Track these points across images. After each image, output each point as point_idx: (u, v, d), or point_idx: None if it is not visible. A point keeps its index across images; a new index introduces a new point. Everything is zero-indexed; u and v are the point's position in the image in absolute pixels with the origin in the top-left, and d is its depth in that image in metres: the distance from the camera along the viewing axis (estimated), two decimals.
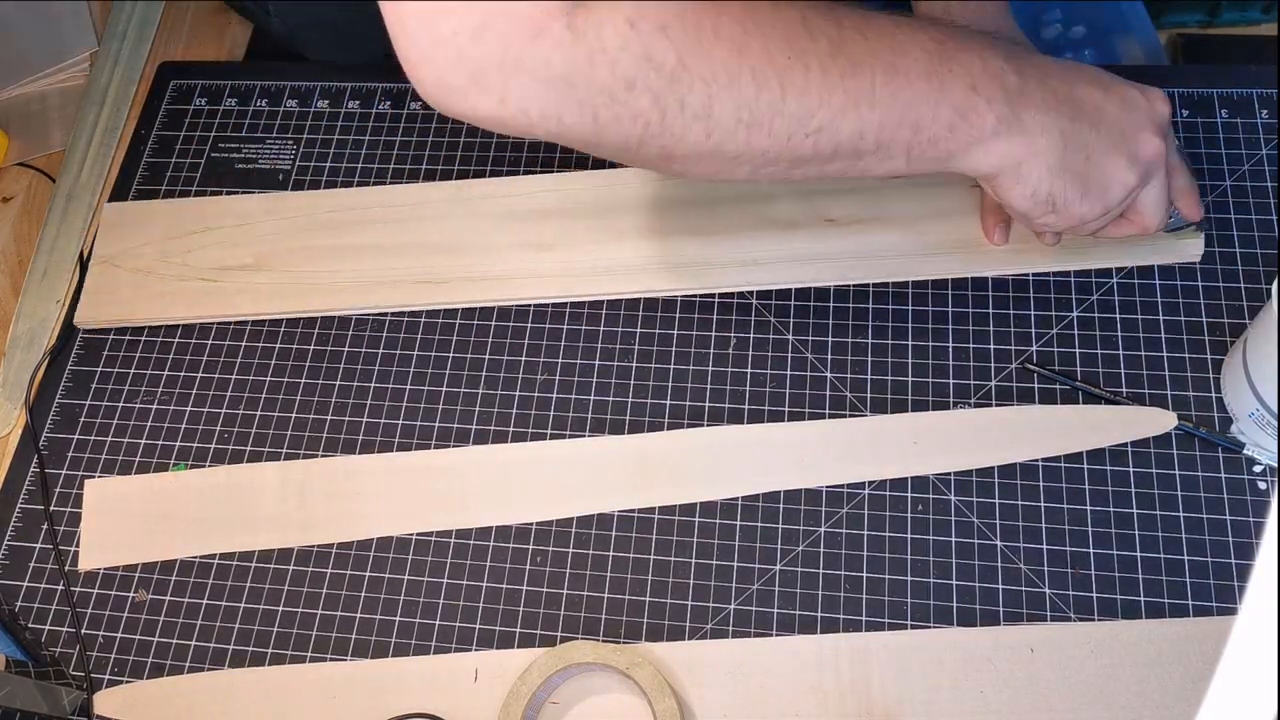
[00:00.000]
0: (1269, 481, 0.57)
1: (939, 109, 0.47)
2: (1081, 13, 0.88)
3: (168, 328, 0.69)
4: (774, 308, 0.64)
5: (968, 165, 0.50)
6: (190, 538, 0.62)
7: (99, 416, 0.67)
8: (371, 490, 0.62)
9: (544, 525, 0.60)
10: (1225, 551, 0.55)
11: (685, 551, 0.59)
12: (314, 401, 0.65)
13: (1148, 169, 0.53)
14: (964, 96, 0.48)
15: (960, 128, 0.48)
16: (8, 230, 0.77)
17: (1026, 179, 0.50)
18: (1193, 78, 0.68)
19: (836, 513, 0.58)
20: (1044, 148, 0.50)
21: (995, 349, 0.62)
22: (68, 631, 0.60)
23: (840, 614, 0.56)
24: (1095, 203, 0.52)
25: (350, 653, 0.58)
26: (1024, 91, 0.49)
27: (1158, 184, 0.54)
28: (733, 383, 0.63)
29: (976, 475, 0.58)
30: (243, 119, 0.77)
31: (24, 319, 0.72)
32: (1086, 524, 0.57)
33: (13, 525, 0.64)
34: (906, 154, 0.49)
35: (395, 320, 0.67)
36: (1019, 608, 0.55)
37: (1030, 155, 0.50)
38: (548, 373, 0.64)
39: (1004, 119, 0.48)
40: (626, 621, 0.57)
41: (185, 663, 0.59)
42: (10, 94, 0.83)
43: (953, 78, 0.48)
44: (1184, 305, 0.61)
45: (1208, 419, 0.58)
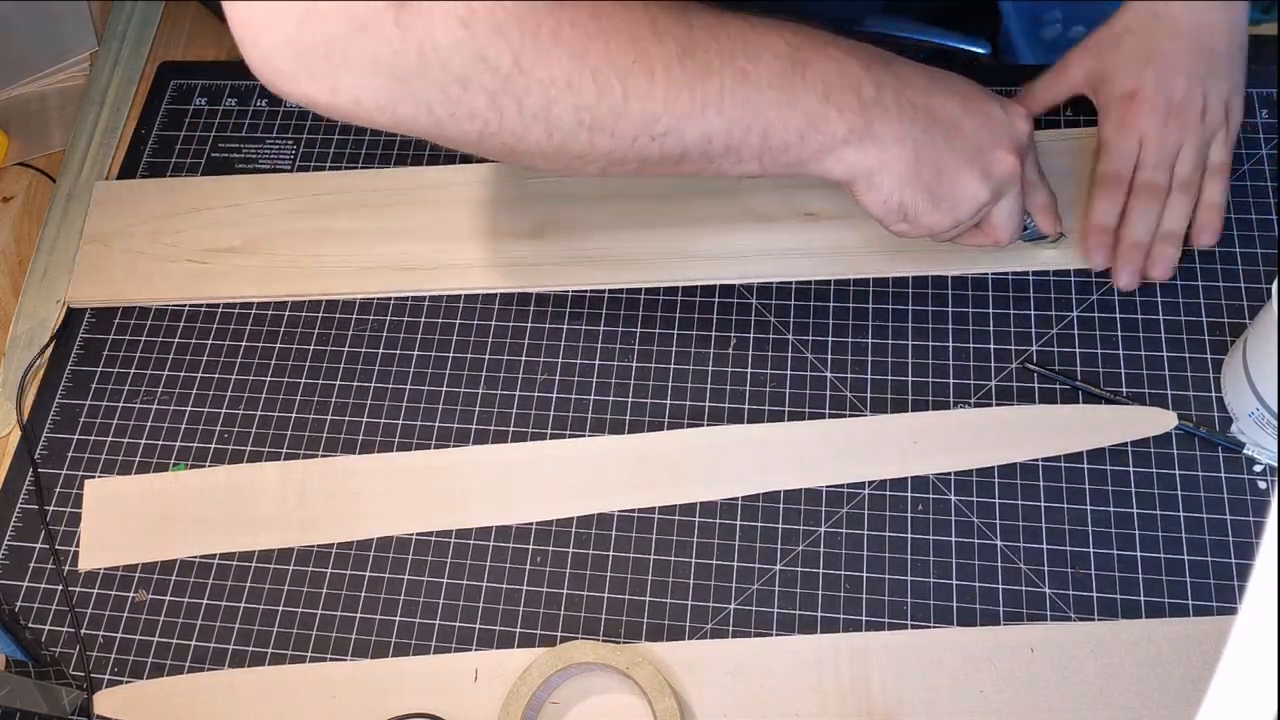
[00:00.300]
0: (1269, 481, 0.57)
1: (790, 116, 0.47)
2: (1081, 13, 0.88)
3: (168, 327, 0.69)
4: (774, 308, 0.64)
5: (821, 171, 0.50)
6: (190, 538, 0.62)
7: (99, 416, 0.67)
8: (371, 490, 0.62)
9: (544, 525, 0.60)
10: (1225, 551, 0.55)
11: (685, 551, 0.59)
12: (314, 401, 0.65)
13: (1000, 185, 0.53)
14: (816, 104, 0.48)
15: (811, 135, 0.48)
16: (8, 230, 0.77)
17: (879, 188, 0.51)
18: None
19: (836, 513, 0.58)
20: (895, 158, 0.50)
21: (995, 349, 0.62)
22: (68, 631, 0.60)
23: (840, 614, 0.56)
24: (946, 215, 0.52)
25: (350, 653, 0.58)
26: (879, 101, 0.49)
27: (1011, 200, 0.55)
28: (733, 383, 0.63)
29: (976, 475, 0.58)
30: (243, 119, 0.77)
31: (24, 319, 0.72)
32: (1086, 524, 0.57)
33: (12, 525, 0.64)
34: (758, 159, 0.49)
35: (395, 320, 0.67)
36: (1019, 608, 0.55)
37: (881, 165, 0.50)
38: (548, 373, 0.64)
39: (855, 128, 0.49)
40: (626, 621, 0.57)
41: (185, 663, 0.59)
42: (10, 94, 0.83)
43: (806, 85, 0.48)
44: (1184, 305, 0.61)
45: (1208, 419, 0.58)
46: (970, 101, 0.52)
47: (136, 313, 0.70)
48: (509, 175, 0.69)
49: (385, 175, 0.71)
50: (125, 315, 0.70)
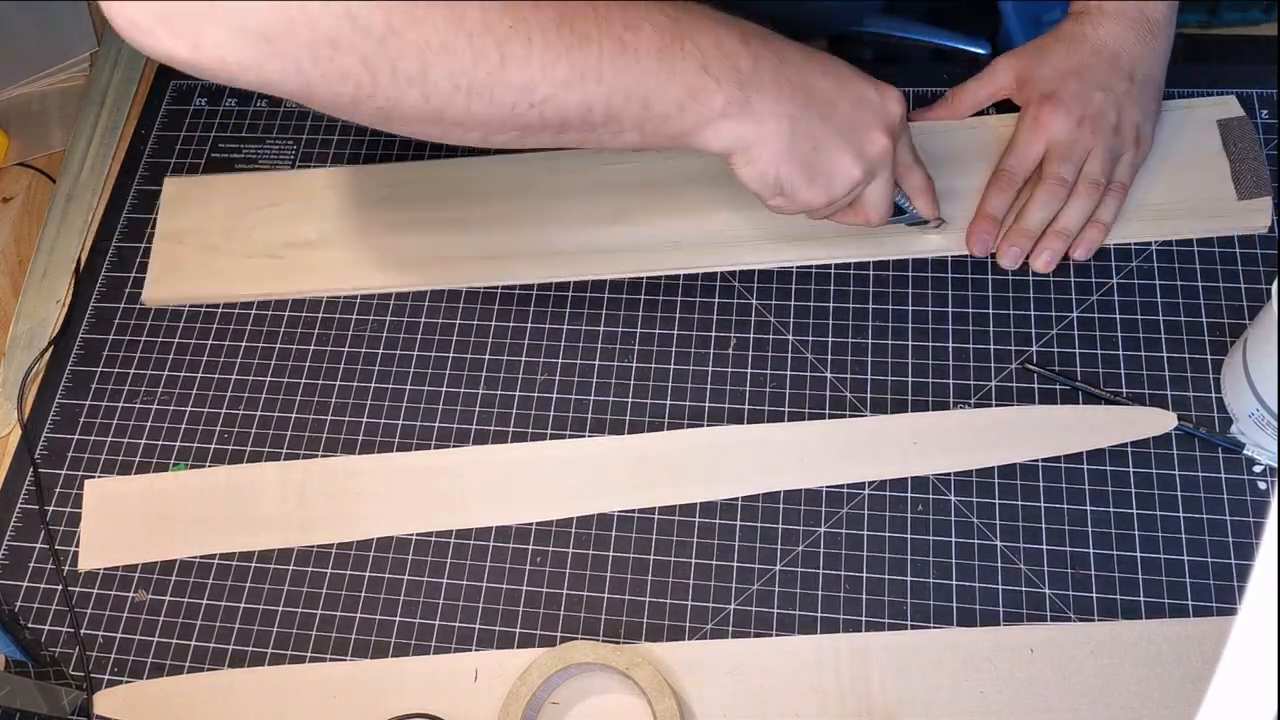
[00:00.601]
0: (1269, 481, 0.57)
1: (669, 87, 0.48)
2: None
3: (168, 327, 0.69)
4: (774, 308, 0.64)
5: (700, 143, 0.51)
6: (190, 538, 0.62)
7: (99, 416, 0.67)
8: (371, 490, 0.62)
9: (544, 525, 0.60)
10: (1225, 551, 0.55)
11: (685, 551, 0.59)
12: (314, 401, 0.65)
13: (873, 165, 0.54)
14: (695, 76, 0.48)
15: (690, 107, 0.49)
16: (8, 230, 0.77)
17: (755, 161, 0.51)
18: (1193, 78, 0.68)
19: (836, 513, 0.58)
20: (772, 133, 0.51)
21: (995, 349, 0.62)
22: (68, 631, 0.60)
23: (840, 614, 0.56)
24: (821, 191, 0.53)
25: (350, 653, 0.58)
26: (756, 76, 0.50)
27: (883, 180, 0.56)
28: (733, 383, 0.63)
29: (976, 475, 0.58)
30: (243, 119, 0.76)
31: (24, 319, 0.72)
32: (1086, 524, 0.57)
33: (12, 525, 0.64)
34: (639, 129, 0.49)
35: (395, 320, 0.67)
36: (1019, 608, 0.55)
37: (759, 139, 0.51)
38: (548, 373, 0.64)
39: (734, 101, 0.49)
40: (626, 621, 0.57)
41: (185, 663, 0.59)
42: (10, 94, 0.83)
43: (685, 57, 0.48)
44: (1184, 305, 0.61)
45: (1208, 419, 0.58)
46: (845, 82, 0.53)
47: (136, 313, 0.70)
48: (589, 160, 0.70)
49: (451, 165, 0.71)
50: (125, 315, 0.70)
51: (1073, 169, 0.61)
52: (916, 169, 0.60)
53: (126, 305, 0.70)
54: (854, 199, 0.56)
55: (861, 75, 0.54)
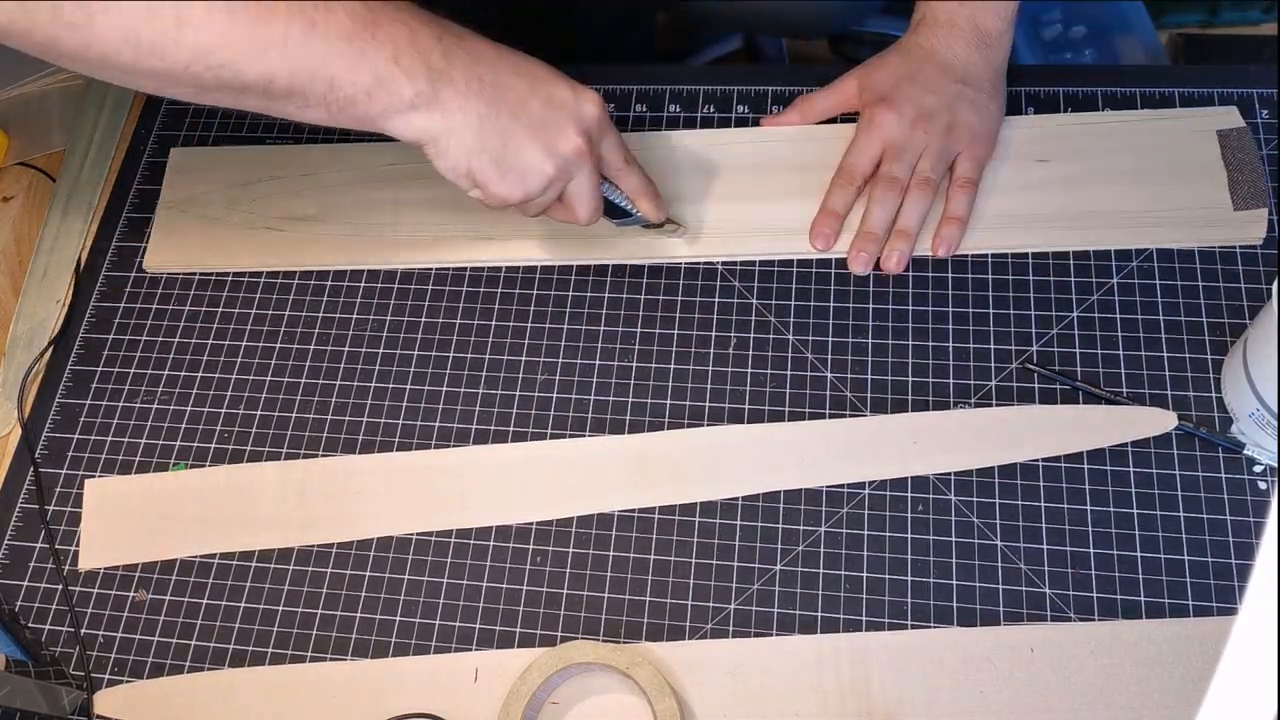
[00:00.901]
0: (1269, 481, 0.57)
1: (357, 72, 0.50)
2: (1082, 12, 0.88)
3: (168, 327, 0.69)
4: (774, 308, 0.64)
5: (391, 130, 0.52)
6: (190, 538, 0.62)
7: (99, 416, 0.67)
8: (371, 490, 0.62)
9: (544, 525, 0.60)
10: (1225, 551, 0.55)
11: (685, 551, 0.59)
12: (314, 401, 0.65)
13: (567, 163, 0.56)
14: (384, 65, 0.50)
15: (378, 94, 0.50)
16: (8, 230, 0.77)
17: (445, 154, 0.54)
18: (1193, 78, 0.68)
19: (836, 513, 0.58)
20: (460, 126, 0.53)
21: (995, 349, 0.62)
22: (68, 631, 0.60)
23: (840, 614, 0.56)
24: (515, 186, 0.55)
25: (350, 653, 0.58)
26: (448, 72, 0.52)
27: (584, 179, 0.57)
28: (733, 383, 0.63)
29: (976, 475, 0.58)
30: (242, 118, 0.76)
31: (24, 319, 0.72)
32: (1086, 524, 0.57)
33: (12, 525, 0.64)
34: (325, 107, 0.51)
35: (395, 320, 0.67)
36: (1019, 608, 0.55)
37: (447, 132, 0.53)
38: (548, 372, 0.64)
39: (423, 94, 0.51)
40: (626, 621, 0.57)
41: (185, 663, 0.59)
42: (10, 94, 0.83)
43: (376, 45, 0.50)
44: (1184, 305, 0.61)
45: (1208, 419, 0.58)
46: (539, 83, 0.55)
47: (137, 313, 0.70)
48: None
49: None
50: (125, 315, 0.70)
51: (905, 168, 0.63)
52: (631, 171, 0.61)
53: (126, 305, 0.70)
54: (560, 196, 0.58)
55: (559, 77, 0.56)
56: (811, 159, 0.67)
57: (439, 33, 0.52)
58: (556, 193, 0.57)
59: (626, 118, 0.72)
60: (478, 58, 0.53)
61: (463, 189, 0.56)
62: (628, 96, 0.73)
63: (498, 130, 0.53)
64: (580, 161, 0.56)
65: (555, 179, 0.56)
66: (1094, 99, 0.68)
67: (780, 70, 0.73)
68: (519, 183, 0.55)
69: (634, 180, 0.61)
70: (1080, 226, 0.63)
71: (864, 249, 0.63)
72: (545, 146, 0.55)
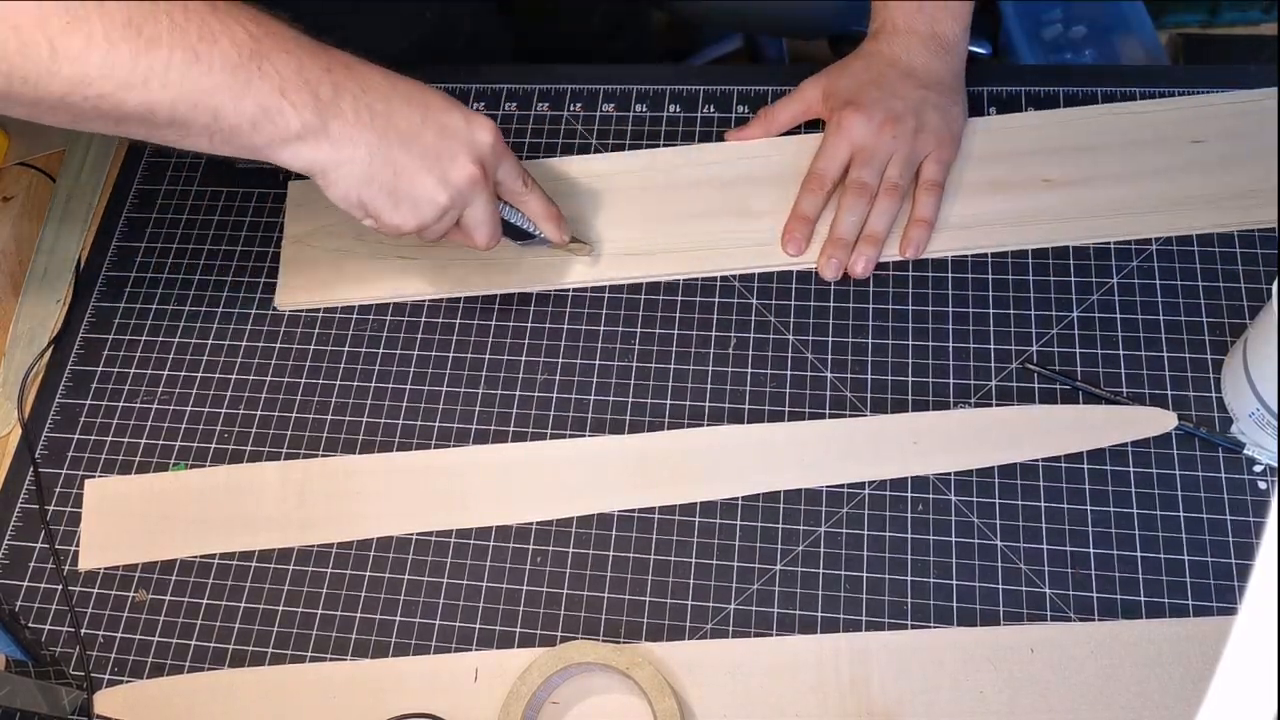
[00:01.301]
0: (1269, 481, 0.57)
1: (241, 104, 0.49)
2: (1082, 12, 0.88)
3: (168, 327, 0.69)
4: (774, 308, 0.64)
5: (279, 160, 0.52)
6: (190, 538, 0.62)
7: (99, 416, 0.67)
8: (371, 490, 0.62)
9: (544, 525, 0.60)
10: (1225, 551, 0.55)
11: (685, 551, 0.59)
12: (314, 401, 0.65)
13: (461, 192, 0.56)
14: (270, 97, 0.50)
15: (264, 125, 0.50)
16: (8, 230, 0.77)
17: (336, 184, 0.54)
18: (1193, 78, 0.68)
19: (836, 513, 0.58)
20: (349, 158, 0.53)
21: (995, 349, 0.62)
22: (68, 631, 0.60)
23: (840, 614, 0.56)
24: (408, 216, 0.55)
25: (350, 653, 0.58)
26: (336, 104, 0.52)
27: (480, 206, 0.57)
28: (733, 383, 0.63)
29: (976, 475, 0.58)
30: None
31: (24, 319, 0.72)
32: (1086, 524, 0.57)
33: (12, 525, 0.64)
34: (209, 137, 0.50)
35: (395, 320, 0.67)
36: (1019, 608, 0.55)
37: (336, 164, 0.53)
38: (548, 372, 0.64)
39: (310, 126, 0.51)
40: (626, 621, 0.57)
41: (185, 663, 0.59)
42: None
43: (261, 77, 0.49)
44: (1184, 305, 0.61)
45: (1208, 419, 0.58)
46: (432, 112, 0.55)
47: (137, 313, 0.70)
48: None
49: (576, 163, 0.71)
50: (125, 315, 0.70)
51: (874, 174, 0.64)
52: (532, 196, 0.61)
53: (126, 305, 0.70)
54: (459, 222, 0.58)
55: (452, 105, 0.56)
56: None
57: (328, 64, 0.52)
58: (453, 220, 0.58)
59: (626, 117, 0.72)
60: (368, 88, 0.53)
61: (356, 217, 0.56)
62: (628, 96, 0.73)
63: (388, 161, 0.53)
64: (474, 190, 0.56)
65: (449, 207, 0.56)
66: (1094, 99, 0.68)
67: (780, 70, 0.73)
68: (413, 212, 0.55)
69: (535, 204, 0.61)
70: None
71: (834, 255, 0.64)
72: (438, 176, 0.55)
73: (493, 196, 0.58)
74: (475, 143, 0.56)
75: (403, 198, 0.55)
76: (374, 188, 0.54)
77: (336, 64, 0.53)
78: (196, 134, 0.50)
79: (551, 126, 0.73)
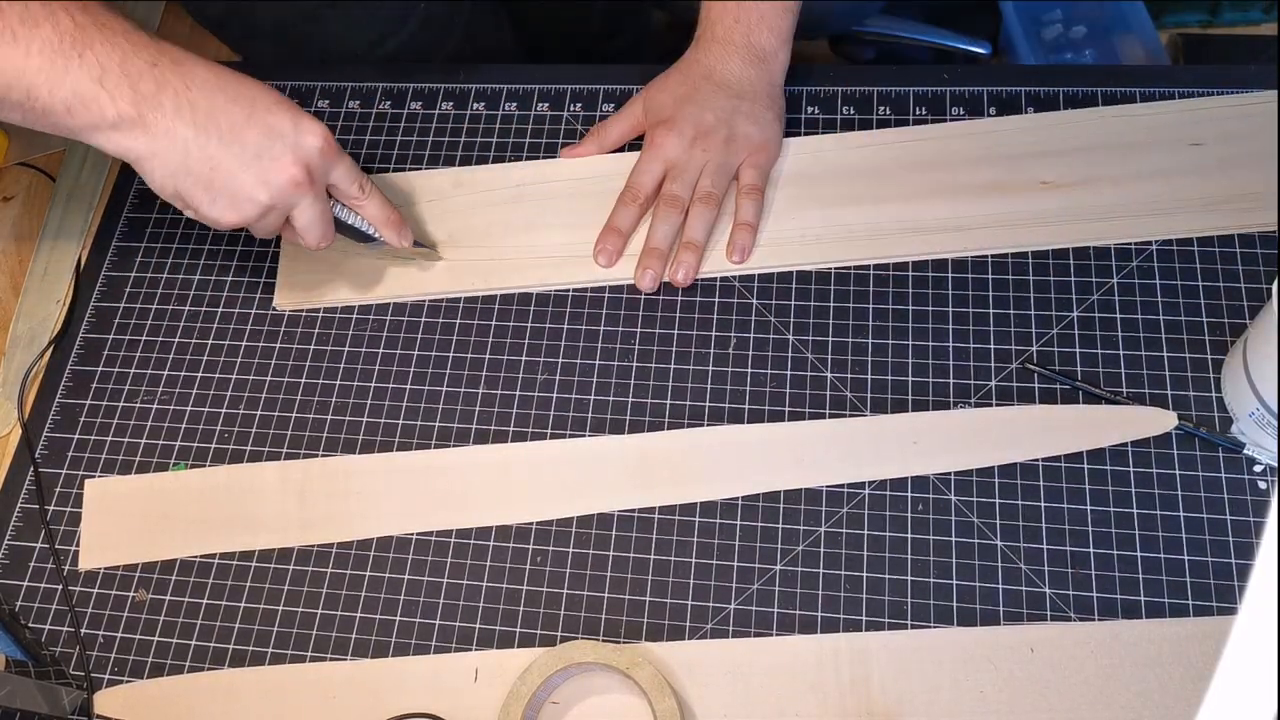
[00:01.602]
0: (1269, 481, 0.57)
1: (56, 87, 0.51)
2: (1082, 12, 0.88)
3: (168, 326, 0.69)
4: (774, 308, 0.64)
5: (95, 144, 0.54)
6: (190, 538, 0.62)
7: (99, 416, 0.67)
8: (371, 490, 0.62)
9: (544, 525, 0.60)
10: (1225, 551, 0.55)
11: (685, 551, 0.59)
12: (314, 401, 0.65)
13: (282, 193, 0.57)
14: (87, 85, 0.52)
15: (78, 110, 0.52)
16: (8, 230, 0.77)
17: (152, 174, 0.55)
18: (1193, 78, 0.68)
19: (836, 513, 0.58)
20: (165, 150, 0.54)
21: (995, 349, 0.62)
22: (68, 631, 0.60)
23: (840, 614, 0.56)
24: (226, 211, 0.57)
25: (350, 653, 0.58)
26: (157, 96, 0.53)
27: (305, 208, 0.58)
28: (733, 383, 0.63)
29: (976, 475, 0.58)
30: None
31: (24, 319, 0.72)
32: (1086, 524, 0.57)
33: (12, 525, 0.64)
34: (22, 114, 0.52)
35: (395, 320, 0.67)
36: (1019, 608, 0.55)
37: (152, 154, 0.54)
38: (548, 372, 0.64)
39: (127, 116, 0.53)
40: (626, 621, 0.57)
41: (185, 663, 0.59)
42: None
43: (81, 64, 0.51)
44: (1184, 305, 0.61)
45: (1208, 419, 0.58)
46: (258, 112, 0.56)
47: (137, 313, 0.70)
48: None
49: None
50: (125, 315, 0.70)
51: (685, 187, 0.65)
52: (370, 201, 0.62)
53: (126, 305, 0.70)
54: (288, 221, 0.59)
55: (283, 107, 0.57)
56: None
57: (155, 58, 0.53)
58: (278, 219, 0.59)
59: None
60: (193, 84, 0.54)
61: (175, 206, 0.57)
62: (627, 97, 0.73)
63: (205, 156, 0.55)
64: (297, 192, 0.57)
65: (271, 206, 0.57)
66: (1094, 99, 0.68)
67: None
68: (231, 208, 0.56)
69: (372, 209, 0.62)
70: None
71: (649, 266, 0.65)
72: (258, 175, 0.56)
73: (320, 199, 0.59)
74: (301, 145, 0.57)
75: (219, 192, 0.56)
76: (190, 180, 0.55)
77: (165, 59, 0.54)
78: (9, 109, 0.52)
79: (551, 126, 0.73)
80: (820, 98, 0.71)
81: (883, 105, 0.70)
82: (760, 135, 0.66)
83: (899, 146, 0.68)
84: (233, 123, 0.55)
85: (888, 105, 0.70)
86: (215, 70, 0.56)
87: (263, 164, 0.56)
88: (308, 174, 0.57)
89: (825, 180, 0.67)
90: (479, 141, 0.73)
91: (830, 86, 0.72)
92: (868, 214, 0.66)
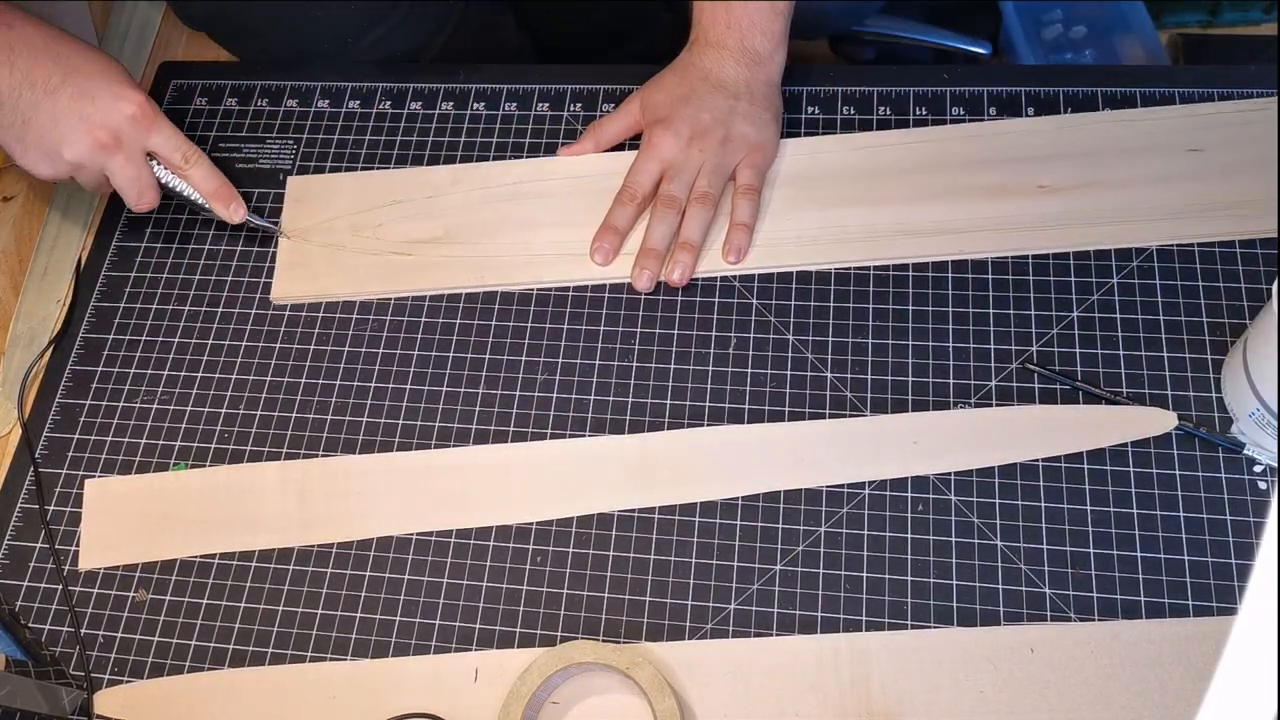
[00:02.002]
0: (1269, 481, 0.57)
1: None
2: (1082, 12, 0.88)
3: (168, 326, 0.69)
4: (774, 308, 0.64)
5: None
6: (190, 538, 0.62)
7: (99, 416, 0.67)
8: (371, 490, 0.62)
9: (544, 525, 0.60)
10: (1225, 551, 0.55)
11: (685, 551, 0.59)
12: (314, 401, 0.65)
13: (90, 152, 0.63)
14: None
15: None
16: (8, 230, 0.77)
17: None
18: (1193, 78, 0.68)
19: (836, 513, 0.58)
20: None
21: (995, 349, 0.62)
22: (68, 631, 0.60)
23: (840, 614, 0.56)
24: (39, 164, 0.64)
25: (350, 653, 0.58)
26: None
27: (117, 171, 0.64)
28: (733, 383, 0.63)
29: (976, 475, 0.58)
30: (243, 119, 0.77)
31: (24, 319, 0.72)
32: (1086, 524, 0.57)
33: (12, 525, 0.64)
34: None
35: (395, 320, 0.67)
36: (1019, 608, 0.55)
37: None
38: (548, 372, 0.64)
39: None
40: (626, 621, 0.57)
41: (185, 663, 0.59)
42: None
43: None
44: (1184, 305, 0.61)
45: (1208, 419, 0.58)
46: (76, 76, 0.62)
47: (137, 313, 0.70)
48: None
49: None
50: (125, 315, 0.70)
51: (682, 187, 0.66)
52: (194, 170, 0.66)
53: (126, 305, 0.70)
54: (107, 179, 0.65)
55: (107, 75, 0.63)
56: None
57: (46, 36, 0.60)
58: (93, 177, 0.65)
59: None
60: (19, 46, 0.61)
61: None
62: (627, 97, 0.73)
63: (17, 111, 0.61)
64: (104, 154, 0.63)
65: (80, 165, 0.63)
66: (1094, 99, 0.68)
67: None
68: (43, 161, 0.63)
69: (196, 178, 0.67)
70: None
71: (646, 266, 0.65)
72: (65, 134, 0.62)
73: (133, 163, 0.64)
74: (113, 111, 0.62)
75: (30, 146, 0.62)
76: (5, 132, 0.62)
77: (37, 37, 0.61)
78: None
79: (552, 126, 0.73)
80: (820, 98, 0.71)
81: (883, 105, 0.70)
82: (757, 135, 0.66)
83: (898, 148, 0.68)
84: (50, 83, 0.61)
85: (888, 105, 0.70)
86: (50, 36, 0.62)
87: (69, 124, 0.61)
88: (115, 138, 0.63)
89: (823, 181, 0.67)
90: (479, 141, 0.73)
91: (830, 86, 0.72)
92: (865, 215, 0.66)
